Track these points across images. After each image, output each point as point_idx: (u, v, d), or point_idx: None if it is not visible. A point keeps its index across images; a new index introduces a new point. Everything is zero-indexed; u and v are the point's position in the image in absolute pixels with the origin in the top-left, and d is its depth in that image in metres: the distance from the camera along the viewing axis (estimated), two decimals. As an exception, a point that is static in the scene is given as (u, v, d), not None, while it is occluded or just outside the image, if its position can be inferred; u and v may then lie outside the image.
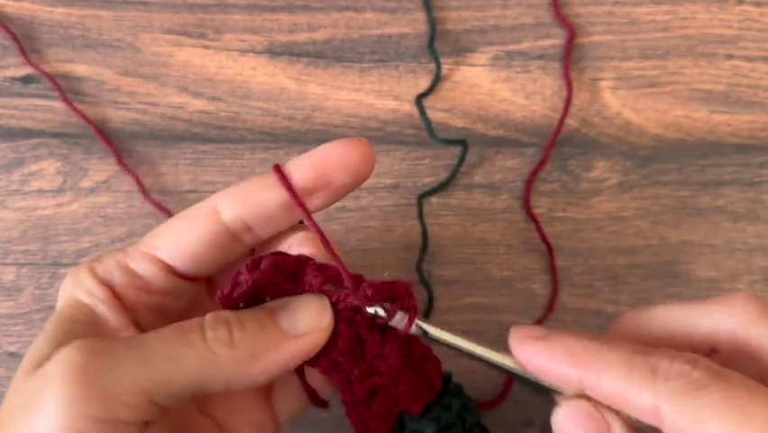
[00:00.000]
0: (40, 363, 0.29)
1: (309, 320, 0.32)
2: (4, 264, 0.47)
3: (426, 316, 0.47)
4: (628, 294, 0.48)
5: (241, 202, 0.33)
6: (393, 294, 0.33)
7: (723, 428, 0.27)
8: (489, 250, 0.48)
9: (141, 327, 0.33)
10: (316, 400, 0.37)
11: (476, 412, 0.36)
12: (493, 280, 0.48)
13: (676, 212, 0.49)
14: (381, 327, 0.33)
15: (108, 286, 0.33)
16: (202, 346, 0.29)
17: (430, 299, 0.47)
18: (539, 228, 0.48)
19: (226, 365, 0.29)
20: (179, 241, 0.33)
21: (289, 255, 0.33)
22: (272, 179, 0.33)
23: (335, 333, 0.33)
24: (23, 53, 0.49)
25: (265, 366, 0.31)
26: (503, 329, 0.47)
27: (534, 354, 0.32)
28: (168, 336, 0.30)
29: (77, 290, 0.33)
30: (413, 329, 0.33)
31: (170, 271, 0.34)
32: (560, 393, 0.32)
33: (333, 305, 0.33)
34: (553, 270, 0.48)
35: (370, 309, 0.33)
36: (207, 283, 0.36)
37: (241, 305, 0.33)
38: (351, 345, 0.33)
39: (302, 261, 0.33)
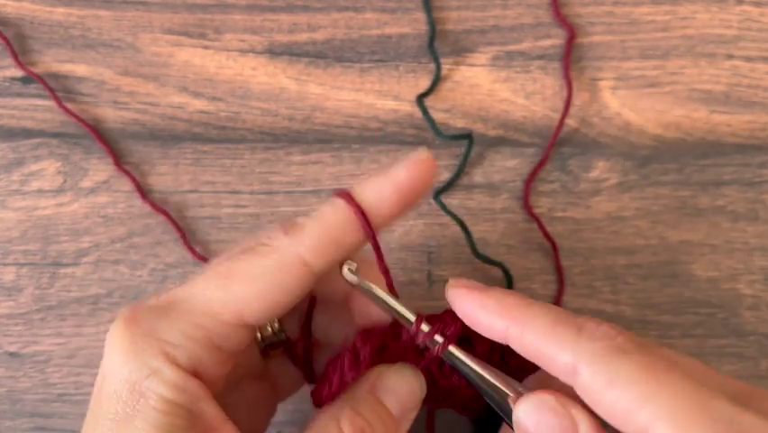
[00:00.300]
0: None
1: (413, 400, 0.33)
2: (4, 264, 0.47)
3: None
4: (628, 294, 0.48)
5: (333, 252, 0.31)
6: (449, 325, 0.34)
7: (634, 394, 0.27)
8: (489, 250, 0.48)
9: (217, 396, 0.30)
10: (311, 377, 0.38)
11: None
12: (493, 281, 0.48)
13: (676, 212, 0.49)
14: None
15: (196, 374, 0.29)
16: None
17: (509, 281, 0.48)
18: (542, 226, 0.48)
19: None
20: (274, 307, 0.30)
21: (377, 332, 0.34)
22: (353, 218, 0.31)
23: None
24: (15, 56, 0.49)
25: None
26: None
27: (468, 302, 0.32)
28: None
29: (160, 386, 0.28)
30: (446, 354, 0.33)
31: (252, 330, 0.31)
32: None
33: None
34: (558, 268, 0.48)
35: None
36: None
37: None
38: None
39: (391, 332, 0.34)
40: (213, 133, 0.49)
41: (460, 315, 0.33)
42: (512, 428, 0.32)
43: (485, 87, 0.50)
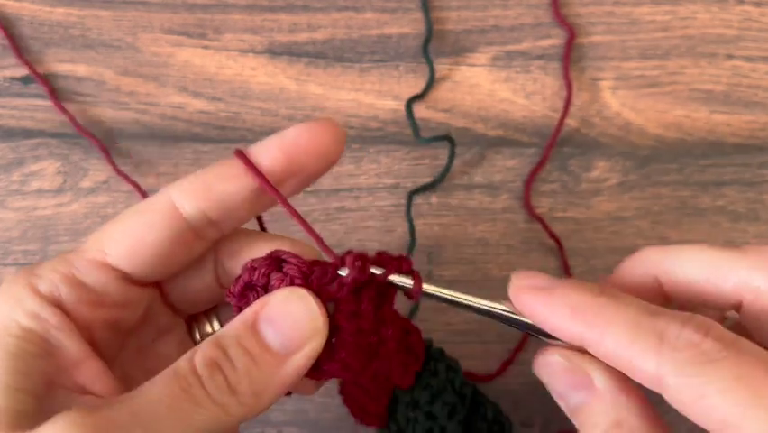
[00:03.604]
0: (11, 422, 0.26)
1: (300, 333, 0.29)
2: (4, 264, 0.47)
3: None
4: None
5: (203, 196, 0.30)
6: (381, 262, 0.31)
7: (730, 407, 0.24)
8: (489, 250, 0.48)
9: (96, 347, 0.30)
10: None
11: (461, 372, 0.36)
12: (493, 281, 0.48)
13: (676, 212, 0.49)
14: (378, 312, 0.31)
15: (57, 305, 0.29)
16: (208, 402, 0.27)
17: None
18: (545, 226, 0.48)
19: (234, 411, 0.27)
20: (136, 243, 0.30)
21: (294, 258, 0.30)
22: (236, 168, 0.30)
23: (336, 331, 0.30)
24: (20, 55, 0.49)
25: (271, 397, 0.28)
26: (503, 329, 0.47)
27: (536, 306, 0.29)
28: (169, 396, 0.26)
29: (18, 313, 0.28)
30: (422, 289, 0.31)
31: (124, 278, 0.30)
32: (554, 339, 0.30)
33: (329, 298, 0.30)
34: (565, 266, 0.48)
35: (390, 277, 0.31)
36: (159, 290, 0.33)
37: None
38: (356, 340, 0.30)
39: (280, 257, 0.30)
40: (213, 133, 0.49)
41: (528, 317, 0.30)
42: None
43: (485, 87, 0.50)
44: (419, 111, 0.49)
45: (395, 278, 0.31)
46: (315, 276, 0.30)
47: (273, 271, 0.30)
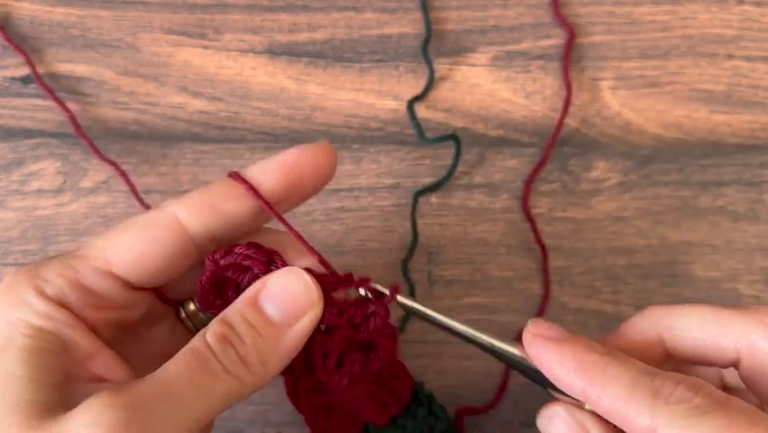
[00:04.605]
0: (41, 413, 0.28)
1: (298, 305, 0.32)
2: (4, 264, 0.47)
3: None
4: (628, 294, 0.48)
5: (208, 214, 0.32)
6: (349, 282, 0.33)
7: None
8: (489, 250, 0.48)
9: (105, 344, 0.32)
10: None
11: (445, 419, 0.36)
12: (493, 281, 0.48)
13: (676, 212, 0.49)
14: (362, 342, 0.33)
15: (65, 307, 0.31)
16: (223, 373, 0.30)
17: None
18: (535, 229, 0.48)
19: (247, 380, 0.30)
20: (141, 257, 0.32)
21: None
22: (238, 188, 0.32)
23: (317, 344, 0.33)
24: (23, 53, 0.49)
25: (276, 366, 0.31)
26: (503, 329, 0.47)
27: (545, 356, 0.32)
28: (189, 370, 0.29)
29: (27, 313, 0.30)
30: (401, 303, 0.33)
31: (127, 285, 0.32)
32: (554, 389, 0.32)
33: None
34: (545, 272, 0.48)
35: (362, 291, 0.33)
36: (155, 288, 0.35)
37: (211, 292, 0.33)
38: (336, 360, 0.33)
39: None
40: (213, 133, 0.49)
41: (536, 363, 0.32)
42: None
43: (485, 87, 0.50)
44: (419, 111, 0.49)
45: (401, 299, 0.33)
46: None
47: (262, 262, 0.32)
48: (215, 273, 0.33)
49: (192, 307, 0.36)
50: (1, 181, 0.48)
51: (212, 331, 0.30)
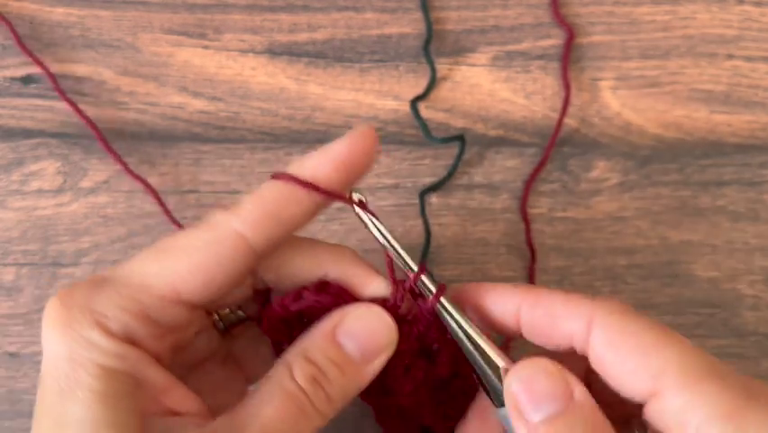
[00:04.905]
0: None
1: (377, 344, 0.32)
2: (4, 264, 0.47)
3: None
4: (629, 294, 0.48)
5: (270, 225, 0.31)
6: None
7: (646, 344, 0.29)
8: (489, 250, 0.48)
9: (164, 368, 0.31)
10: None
11: None
12: (493, 281, 0.48)
13: (676, 212, 0.49)
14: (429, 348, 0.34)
15: (131, 342, 0.29)
16: (316, 414, 0.30)
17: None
18: (527, 230, 0.48)
19: (329, 416, 0.31)
20: (208, 280, 0.30)
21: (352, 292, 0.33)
22: (290, 190, 0.31)
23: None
24: (26, 51, 0.49)
25: (349, 400, 0.32)
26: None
27: (478, 288, 0.33)
28: (289, 416, 0.29)
29: (96, 355, 0.29)
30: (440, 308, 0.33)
31: (191, 306, 0.31)
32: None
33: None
34: (531, 274, 0.48)
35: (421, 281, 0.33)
36: None
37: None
38: (402, 368, 0.33)
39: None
40: (213, 133, 0.49)
41: (472, 301, 0.33)
42: (495, 404, 0.32)
43: (485, 87, 0.50)
44: (419, 111, 0.49)
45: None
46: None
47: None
48: (286, 316, 0.33)
49: (227, 310, 0.36)
50: (1, 181, 0.48)
51: (301, 372, 0.30)
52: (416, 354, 0.33)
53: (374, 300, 0.33)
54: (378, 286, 0.33)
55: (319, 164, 0.31)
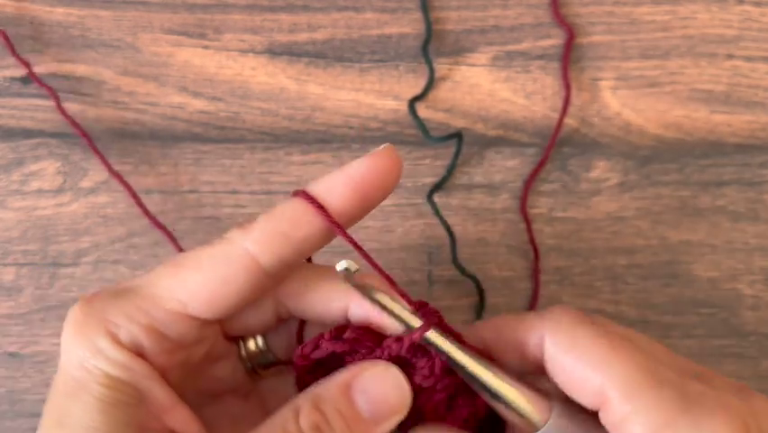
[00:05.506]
0: None
1: (390, 407, 0.31)
2: (4, 264, 0.47)
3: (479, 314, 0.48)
4: (628, 294, 0.48)
5: (281, 245, 0.30)
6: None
7: (592, 358, 0.29)
8: (489, 250, 0.48)
9: (171, 387, 0.31)
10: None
11: None
12: (493, 281, 0.48)
13: (676, 212, 0.49)
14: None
15: (140, 355, 0.30)
16: None
17: (481, 297, 0.48)
18: (529, 230, 0.48)
19: None
20: (216, 296, 0.30)
21: (372, 331, 0.32)
22: (304, 211, 0.30)
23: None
24: (15, 54, 0.49)
25: None
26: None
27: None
28: None
29: (103, 363, 0.29)
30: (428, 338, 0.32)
31: (198, 322, 0.31)
32: None
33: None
34: (536, 275, 0.48)
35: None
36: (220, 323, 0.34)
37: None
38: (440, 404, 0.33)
39: (382, 337, 0.32)
40: (213, 133, 0.49)
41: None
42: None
43: (485, 87, 0.50)
44: (419, 111, 0.49)
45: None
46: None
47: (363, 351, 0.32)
48: (308, 365, 0.33)
49: (252, 346, 0.35)
50: (1, 181, 0.48)
51: (307, 418, 0.30)
52: (453, 395, 0.33)
53: (398, 339, 0.32)
54: (398, 326, 0.32)
55: (335, 184, 0.31)
